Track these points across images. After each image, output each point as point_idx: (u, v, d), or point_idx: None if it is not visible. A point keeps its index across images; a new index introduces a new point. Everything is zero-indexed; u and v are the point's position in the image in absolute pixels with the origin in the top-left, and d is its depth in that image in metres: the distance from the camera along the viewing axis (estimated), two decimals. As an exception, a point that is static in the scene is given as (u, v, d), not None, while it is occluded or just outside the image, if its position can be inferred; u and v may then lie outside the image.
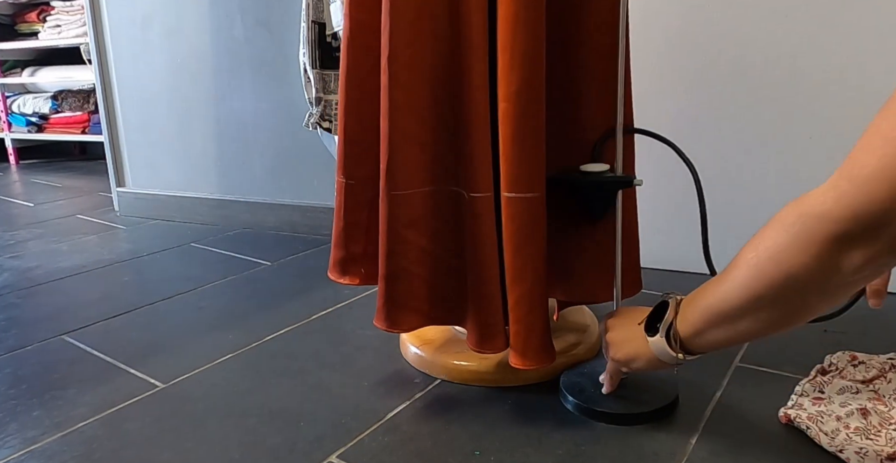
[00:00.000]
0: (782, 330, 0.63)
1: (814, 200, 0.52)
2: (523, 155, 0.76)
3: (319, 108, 1.55)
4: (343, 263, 0.94)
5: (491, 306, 0.82)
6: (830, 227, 0.51)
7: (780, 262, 0.56)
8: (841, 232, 0.50)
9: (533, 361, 0.81)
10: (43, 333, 1.15)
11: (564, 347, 0.94)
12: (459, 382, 0.92)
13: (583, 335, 0.99)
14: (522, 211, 0.77)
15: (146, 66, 1.93)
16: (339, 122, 0.90)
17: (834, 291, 0.56)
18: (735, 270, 0.61)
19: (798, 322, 0.61)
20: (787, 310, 0.59)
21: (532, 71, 0.74)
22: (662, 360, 0.72)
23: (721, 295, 0.64)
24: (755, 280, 0.59)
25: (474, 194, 0.80)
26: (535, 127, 0.76)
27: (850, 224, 0.49)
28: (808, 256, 0.53)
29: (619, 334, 0.78)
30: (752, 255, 0.59)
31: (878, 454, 0.68)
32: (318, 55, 1.52)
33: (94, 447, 0.79)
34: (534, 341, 0.80)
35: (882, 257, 0.50)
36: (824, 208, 0.51)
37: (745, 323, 0.63)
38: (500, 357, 0.90)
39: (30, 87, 3.55)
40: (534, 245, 0.78)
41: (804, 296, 0.57)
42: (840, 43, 1.14)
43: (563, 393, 0.86)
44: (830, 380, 0.84)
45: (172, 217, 1.99)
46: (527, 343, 0.80)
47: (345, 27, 0.86)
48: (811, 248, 0.53)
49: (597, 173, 0.81)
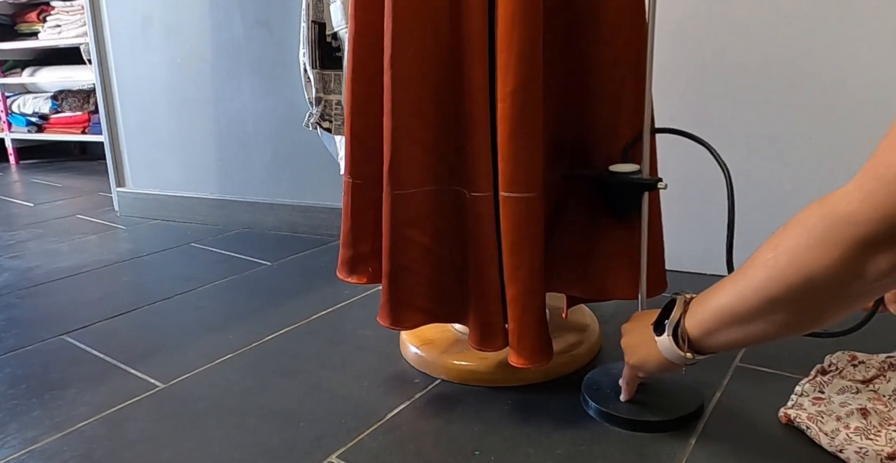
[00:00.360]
0: (796, 333, 0.62)
1: (839, 201, 0.50)
2: (520, 155, 0.76)
3: (319, 108, 1.55)
4: (351, 262, 0.95)
5: (491, 305, 0.82)
6: (856, 229, 0.48)
7: (801, 264, 0.53)
8: (868, 235, 0.48)
9: (528, 360, 0.81)
10: (43, 333, 1.15)
11: (565, 347, 0.94)
12: (459, 383, 0.92)
13: (583, 334, 0.99)
14: (519, 210, 0.77)
15: (146, 66, 1.93)
16: (346, 122, 0.90)
17: (854, 297, 0.53)
18: (751, 271, 0.59)
19: (813, 327, 0.59)
20: (802, 314, 0.57)
21: (528, 72, 0.74)
22: (671, 359, 0.71)
23: (735, 295, 0.62)
24: (772, 281, 0.57)
25: (475, 194, 0.80)
26: (531, 127, 0.76)
27: (878, 225, 0.47)
28: (831, 259, 0.51)
29: (632, 339, 0.77)
30: (770, 255, 0.57)
31: (878, 454, 0.68)
32: (318, 55, 1.52)
33: (94, 447, 0.79)
34: (529, 340, 0.80)
35: None
36: (850, 209, 0.49)
37: (758, 325, 0.61)
38: (499, 357, 0.90)
39: (30, 87, 3.55)
40: (530, 244, 0.78)
41: (822, 300, 0.55)
42: (840, 43, 1.14)
43: (584, 398, 0.85)
44: (830, 380, 0.84)
45: (172, 217, 1.99)
46: (522, 342, 0.81)
47: (350, 28, 0.86)
48: (834, 250, 0.50)
49: (624, 174, 0.81)
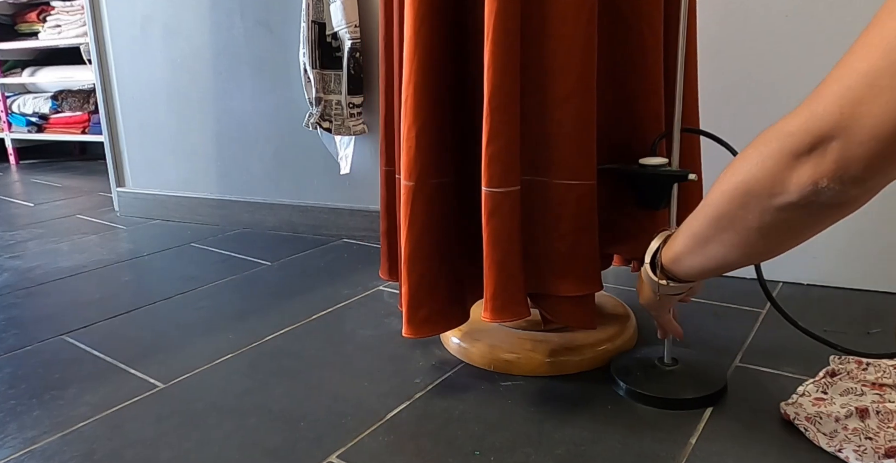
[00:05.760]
0: (746, 259, 0.66)
1: (784, 119, 0.55)
2: (497, 153, 0.79)
3: (319, 108, 1.55)
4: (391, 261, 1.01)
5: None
6: (785, 139, 0.53)
7: (738, 176, 0.58)
8: (794, 144, 0.52)
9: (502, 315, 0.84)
10: (43, 333, 1.15)
11: (605, 337, 0.98)
12: (503, 373, 0.94)
13: (626, 324, 1.03)
14: (499, 205, 0.80)
15: (146, 66, 1.93)
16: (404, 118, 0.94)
17: (785, 218, 0.57)
18: (709, 193, 0.64)
19: (760, 253, 0.64)
20: (745, 232, 0.61)
21: (503, 76, 0.76)
22: (652, 289, 0.77)
23: (694, 217, 0.67)
24: (717, 195, 0.62)
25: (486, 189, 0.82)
26: (506, 125, 0.78)
27: (799, 134, 0.52)
28: (759, 167, 0.56)
29: (639, 282, 0.83)
30: (722, 175, 0.62)
31: (876, 452, 0.68)
32: (318, 55, 1.52)
33: (94, 447, 0.79)
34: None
35: (825, 179, 0.51)
36: (783, 123, 0.54)
37: (714, 247, 0.65)
38: (542, 350, 0.94)
39: (30, 87, 3.55)
40: (509, 240, 0.80)
41: (757, 216, 0.58)
42: (839, 43, 1.14)
43: (612, 378, 0.90)
44: (836, 382, 0.84)
45: (172, 217, 1.99)
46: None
47: (381, 24, 0.93)
48: (766, 160, 0.55)
49: (654, 166, 0.84)
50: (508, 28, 0.75)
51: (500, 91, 0.77)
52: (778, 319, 1.08)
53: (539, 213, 0.84)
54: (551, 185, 0.83)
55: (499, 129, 0.78)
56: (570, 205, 0.82)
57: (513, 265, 0.82)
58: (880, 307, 1.14)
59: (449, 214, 0.86)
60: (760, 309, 1.13)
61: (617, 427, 0.80)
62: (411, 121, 0.81)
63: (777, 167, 0.54)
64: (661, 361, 0.91)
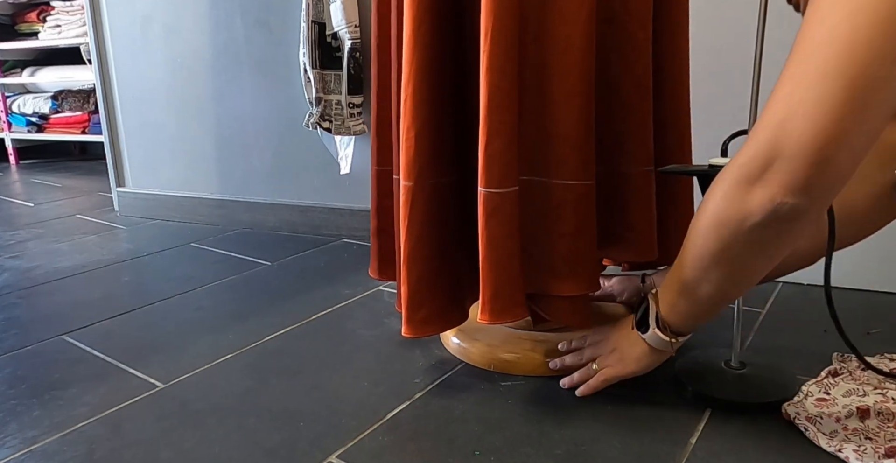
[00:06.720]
0: (737, 289, 0.71)
1: (734, 157, 0.63)
2: (496, 153, 0.79)
3: (319, 108, 1.55)
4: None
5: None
6: (738, 170, 0.61)
7: (705, 211, 0.66)
8: (746, 172, 0.60)
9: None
10: (43, 333, 1.15)
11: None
12: (503, 372, 0.94)
13: None
14: (497, 205, 0.80)
15: (146, 67, 1.93)
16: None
17: (758, 239, 0.63)
18: (685, 241, 0.70)
19: (747, 280, 0.69)
20: (728, 265, 0.66)
21: (501, 75, 0.77)
22: (661, 349, 0.80)
23: (675, 269, 0.73)
24: (693, 237, 0.68)
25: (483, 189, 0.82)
26: (505, 125, 0.78)
27: (748, 164, 0.60)
28: (723, 199, 0.63)
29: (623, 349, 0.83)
30: (693, 220, 0.69)
31: (876, 451, 0.68)
32: (317, 55, 1.52)
33: (94, 447, 0.79)
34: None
35: (777, 195, 0.58)
36: (735, 158, 0.63)
37: (703, 288, 0.70)
38: (542, 350, 0.94)
39: (30, 87, 3.55)
40: (507, 241, 0.80)
41: (734, 246, 0.64)
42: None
43: (679, 382, 0.87)
44: (838, 382, 0.84)
45: (172, 217, 1.99)
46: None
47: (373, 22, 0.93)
48: (727, 191, 0.63)
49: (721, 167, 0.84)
50: (506, 27, 0.75)
51: (498, 91, 0.77)
52: (778, 319, 1.09)
53: (538, 214, 0.84)
54: (550, 185, 0.83)
55: (497, 129, 0.78)
56: (570, 205, 0.82)
57: (511, 266, 0.82)
58: (880, 307, 1.14)
59: (448, 214, 0.86)
60: (760, 309, 1.13)
61: (617, 427, 0.80)
62: (410, 121, 0.81)
63: (738, 195, 0.61)
64: (727, 365, 0.88)
